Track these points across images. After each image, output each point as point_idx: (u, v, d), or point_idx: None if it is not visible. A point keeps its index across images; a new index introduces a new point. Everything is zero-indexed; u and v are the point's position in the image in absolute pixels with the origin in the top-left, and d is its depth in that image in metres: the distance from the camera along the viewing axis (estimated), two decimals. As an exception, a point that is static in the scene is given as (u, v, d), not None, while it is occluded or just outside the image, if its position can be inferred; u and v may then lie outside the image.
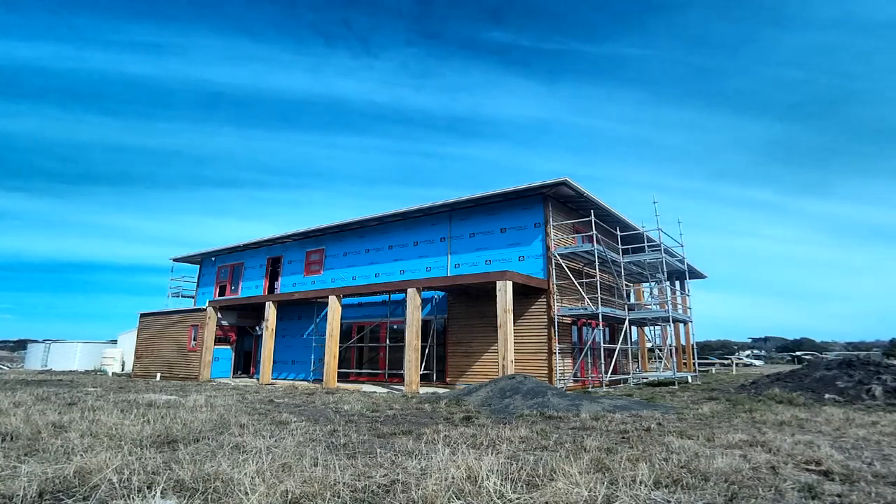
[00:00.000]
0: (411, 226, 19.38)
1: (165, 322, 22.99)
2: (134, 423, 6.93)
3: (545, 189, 15.96)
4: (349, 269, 20.74)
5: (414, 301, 14.98)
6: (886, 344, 65.97)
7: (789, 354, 60.49)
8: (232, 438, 6.12)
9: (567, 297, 16.25)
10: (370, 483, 4.15)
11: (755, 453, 5.46)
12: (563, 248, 16.14)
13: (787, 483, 4.32)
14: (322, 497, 3.74)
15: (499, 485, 3.94)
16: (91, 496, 3.84)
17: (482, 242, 17.42)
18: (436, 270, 18.15)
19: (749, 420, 8.23)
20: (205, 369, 20.41)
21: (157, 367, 22.28)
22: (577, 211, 17.79)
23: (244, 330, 23.79)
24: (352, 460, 4.95)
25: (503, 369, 12.96)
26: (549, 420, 8.21)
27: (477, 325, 16.68)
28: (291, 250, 23.34)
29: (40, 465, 4.61)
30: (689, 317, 21.99)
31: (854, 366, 12.28)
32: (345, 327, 18.66)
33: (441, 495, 3.73)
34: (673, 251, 19.87)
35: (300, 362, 21.60)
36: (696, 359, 23.81)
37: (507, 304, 13.38)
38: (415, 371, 14.51)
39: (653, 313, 18.32)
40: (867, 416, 8.59)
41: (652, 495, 3.87)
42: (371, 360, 19.96)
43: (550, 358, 14.99)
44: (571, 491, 3.81)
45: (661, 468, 4.65)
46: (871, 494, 4.09)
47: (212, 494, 3.85)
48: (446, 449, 5.30)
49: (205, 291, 26.74)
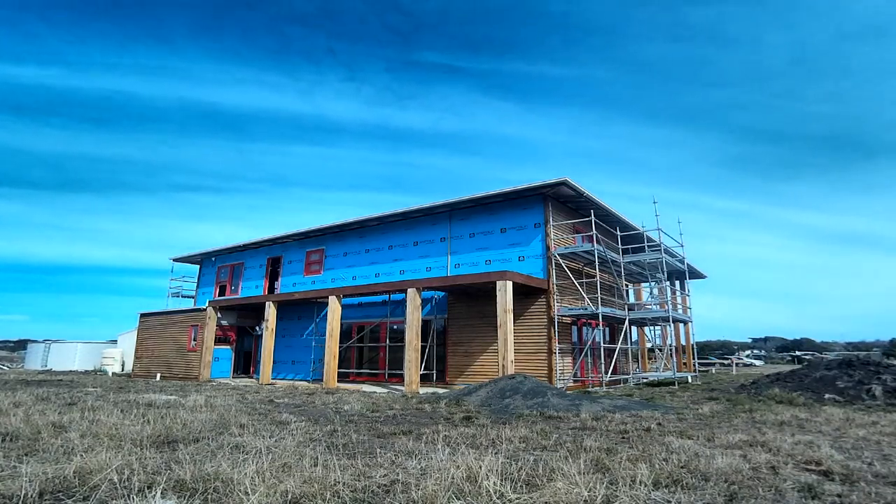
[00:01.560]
0: (411, 226, 19.38)
1: (165, 322, 22.99)
2: (134, 423, 6.93)
3: (545, 189, 15.96)
4: (349, 269, 20.74)
5: (414, 301, 14.98)
6: (886, 344, 66.00)
7: (789, 354, 60.49)
8: (232, 438, 6.12)
9: (567, 297, 16.25)
10: (370, 483, 4.15)
11: (755, 453, 5.46)
12: (563, 248, 16.14)
13: (787, 483, 4.32)
14: (322, 497, 3.74)
15: (499, 485, 3.94)
16: (91, 496, 3.84)
17: (482, 242, 17.42)
18: (436, 270, 18.15)
19: (749, 420, 8.23)
20: (205, 369, 20.42)
21: (157, 367, 22.28)
22: (577, 211, 17.79)
23: (244, 330, 23.79)
24: (352, 460, 4.95)
25: (503, 369, 12.96)
26: (549, 420, 8.21)
27: (477, 325, 16.68)
28: (291, 250, 23.35)
29: (40, 465, 4.60)
30: (689, 317, 21.99)
31: (854, 366, 12.28)
32: (345, 327, 18.67)
33: (441, 495, 3.73)
34: (673, 251, 19.88)
35: (300, 362, 21.60)
36: (696, 359, 23.82)
37: (507, 304, 13.39)
38: (415, 371, 14.51)
39: (653, 313, 18.32)
40: (867, 416, 8.59)
41: (652, 495, 3.87)
42: (371, 361, 19.96)
43: (550, 358, 14.99)
44: (571, 491, 3.81)
45: (661, 468, 4.65)
46: (871, 494, 4.09)
47: (212, 494, 3.85)
48: (446, 449, 5.31)
49: (205, 291, 26.74)
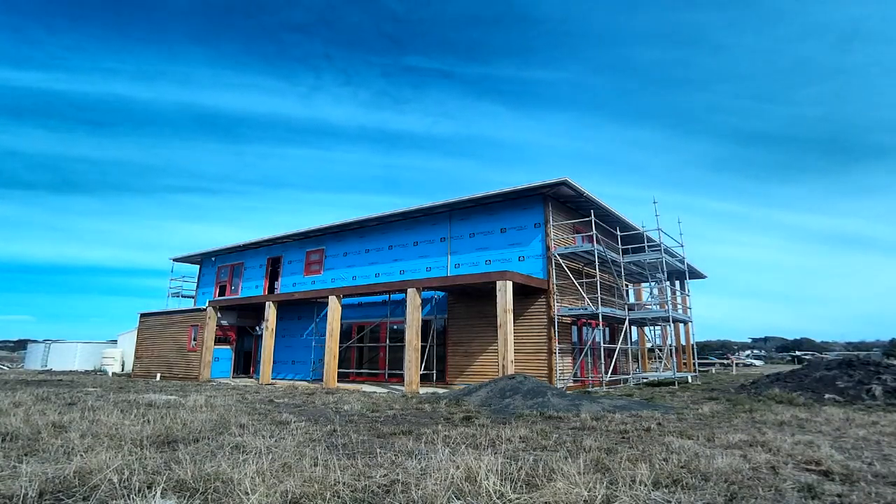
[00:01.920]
0: (411, 226, 19.38)
1: (165, 322, 22.99)
2: (134, 423, 6.93)
3: (545, 189, 15.96)
4: (349, 269, 20.74)
5: (414, 301, 14.98)
6: (886, 344, 65.99)
7: (789, 354, 60.45)
8: (232, 438, 6.12)
9: (567, 297, 16.25)
10: (370, 483, 4.15)
11: (755, 453, 5.46)
12: (563, 248, 16.13)
13: (787, 483, 4.32)
14: (322, 497, 3.74)
15: (498, 485, 3.94)
16: (91, 496, 3.84)
17: (482, 242, 17.42)
18: (436, 270, 18.15)
19: (749, 420, 8.23)
20: (205, 369, 20.42)
21: (157, 367, 22.28)
22: (577, 211, 17.79)
23: (244, 330, 23.79)
24: (352, 460, 4.95)
25: (503, 369, 12.96)
26: (549, 420, 8.21)
27: (477, 325, 16.68)
28: (291, 250, 23.35)
29: (40, 465, 4.61)
30: (688, 317, 21.98)
31: (854, 366, 12.28)
32: (345, 327, 18.67)
33: (441, 495, 3.73)
34: (673, 251, 19.88)
35: (300, 362, 21.60)
36: (696, 359, 23.82)
37: (507, 304, 13.39)
38: (415, 371, 14.51)
39: (653, 313, 18.32)
40: (867, 416, 8.59)
41: (652, 495, 3.87)
42: (371, 360, 19.96)
43: (550, 358, 14.99)
44: (571, 491, 3.81)
45: (661, 468, 4.65)
46: (871, 494, 4.09)
47: (212, 494, 3.86)
48: (446, 449, 5.30)
49: (205, 291, 26.74)
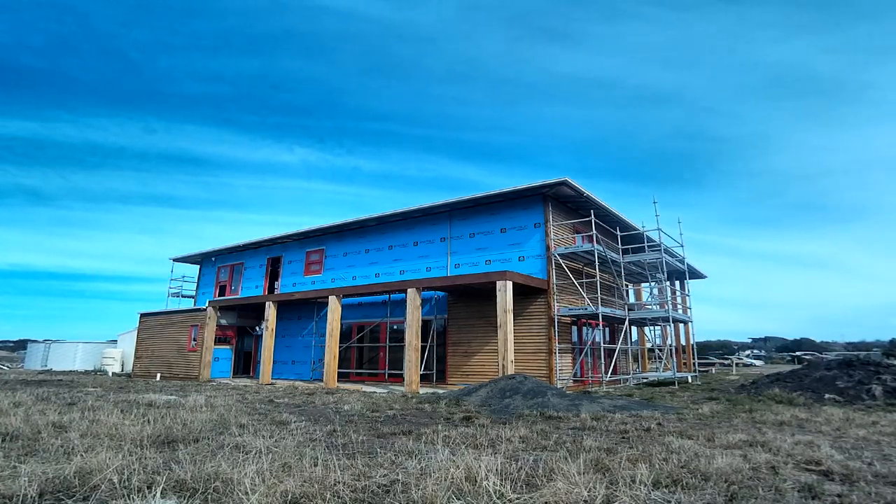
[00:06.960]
0: (411, 226, 19.38)
1: (165, 322, 22.99)
2: (134, 423, 6.93)
3: (545, 189, 15.96)
4: (349, 270, 20.74)
5: (414, 301, 14.98)
6: (886, 344, 65.94)
7: (789, 354, 60.34)
8: (232, 438, 6.12)
9: (567, 297, 16.25)
10: (370, 483, 4.15)
11: (755, 453, 5.46)
12: (563, 248, 16.13)
13: (787, 483, 4.33)
14: (322, 497, 3.74)
15: (498, 485, 3.94)
16: (91, 496, 3.84)
17: (482, 242, 17.42)
18: (436, 270, 18.16)
19: (749, 420, 8.23)
20: (205, 369, 20.41)
21: (157, 367, 22.28)
22: (577, 211, 17.79)
23: (244, 330, 23.79)
24: (352, 460, 4.95)
25: (503, 369, 12.96)
26: (549, 420, 8.21)
27: (477, 325, 16.68)
28: (291, 250, 23.35)
29: (40, 465, 4.61)
30: (689, 317, 21.98)
31: (854, 366, 12.28)
32: (345, 327, 18.67)
33: (441, 495, 3.73)
34: (673, 251, 19.88)
35: (300, 362, 21.60)
36: (696, 359, 23.81)
37: (506, 304, 13.39)
38: (415, 371, 14.51)
39: (653, 313, 18.32)
40: (867, 416, 8.59)
41: (652, 495, 3.87)
42: (371, 360, 19.96)
43: (550, 358, 15.00)
44: (571, 491, 3.81)
45: (661, 468, 4.65)
46: (871, 494, 4.09)
47: (212, 494, 3.86)
48: (446, 449, 5.30)
49: (205, 291, 26.74)
